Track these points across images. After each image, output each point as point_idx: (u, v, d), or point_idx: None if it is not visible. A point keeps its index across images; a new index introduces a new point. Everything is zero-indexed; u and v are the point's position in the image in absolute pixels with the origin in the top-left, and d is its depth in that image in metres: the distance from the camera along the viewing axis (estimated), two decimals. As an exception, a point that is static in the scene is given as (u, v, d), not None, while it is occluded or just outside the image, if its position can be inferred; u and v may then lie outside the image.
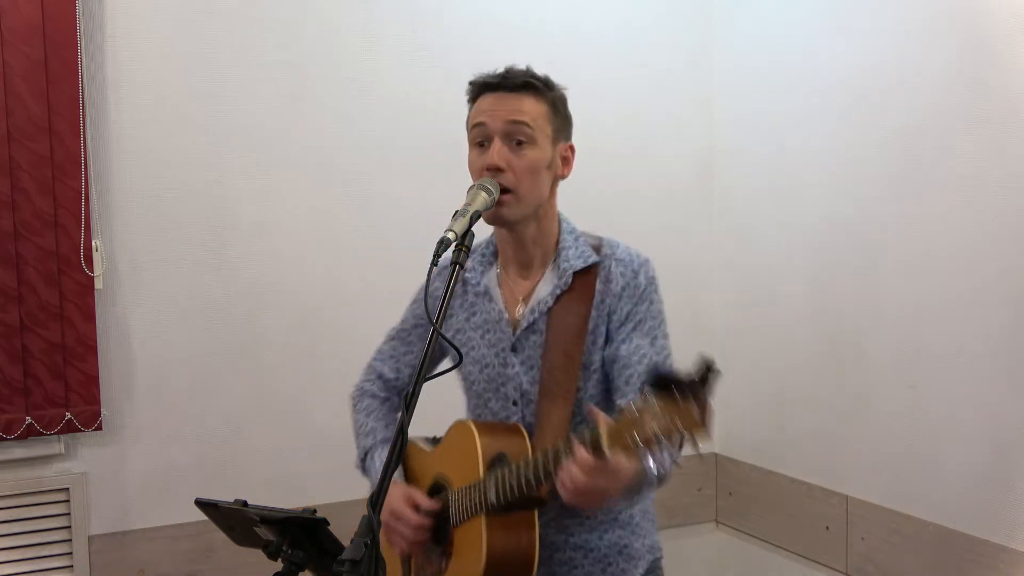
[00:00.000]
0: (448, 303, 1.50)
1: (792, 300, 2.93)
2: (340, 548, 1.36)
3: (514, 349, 1.75)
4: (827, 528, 2.79)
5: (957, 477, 2.39)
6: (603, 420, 1.39)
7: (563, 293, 1.73)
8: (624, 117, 3.11)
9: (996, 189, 2.27)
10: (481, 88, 1.72)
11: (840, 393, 2.75)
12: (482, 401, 1.80)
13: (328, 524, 1.39)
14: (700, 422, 1.27)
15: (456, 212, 1.56)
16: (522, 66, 1.74)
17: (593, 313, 1.72)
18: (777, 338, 2.99)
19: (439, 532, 1.74)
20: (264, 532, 1.45)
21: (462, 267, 1.52)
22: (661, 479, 1.58)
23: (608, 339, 1.72)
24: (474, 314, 1.81)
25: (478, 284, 1.80)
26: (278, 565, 1.43)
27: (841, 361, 2.74)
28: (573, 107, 1.80)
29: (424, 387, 1.96)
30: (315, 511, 1.38)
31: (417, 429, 1.94)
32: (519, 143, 1.68)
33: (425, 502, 1.72)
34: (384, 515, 1.73)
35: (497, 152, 1.66)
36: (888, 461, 2.59)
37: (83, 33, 2.45)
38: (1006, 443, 2.26)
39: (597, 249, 1.77)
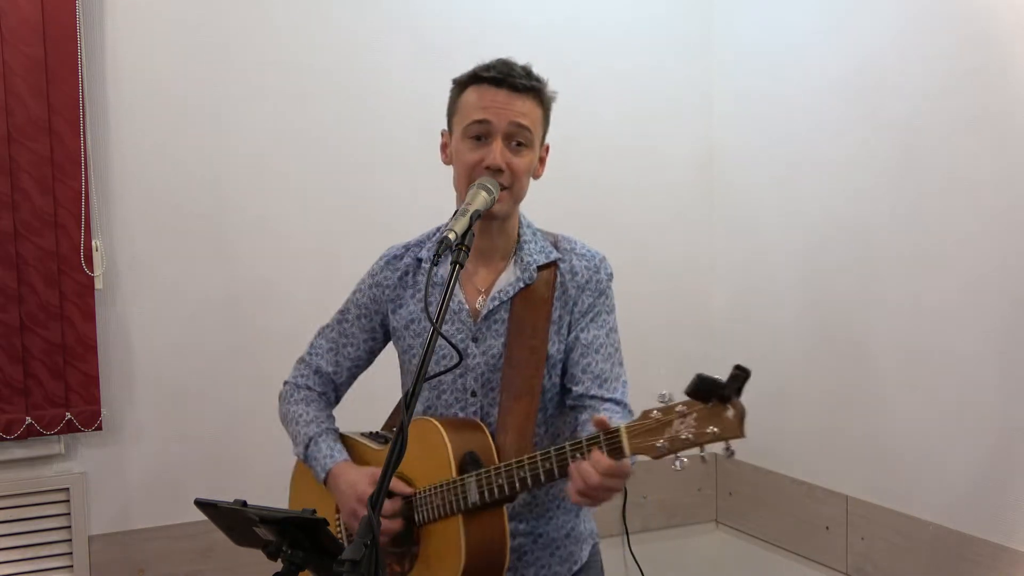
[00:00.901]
0: (448, 303, 1.50)
1: (792, 298, 2.93)
2: (340, 548, 1.36)
3: (475, 339, 1.76)
4: (827, 528, 2.79)
5: (957, 477, 2.39)
6: (622, 424, 1.43)
7: (526, 286, 1.75)
8: (624, 112, 3.11)
9: (996, 187, 2.27)
10: (482, 79, 1.71)
11: (840, 393, 2.74)
12: (436, 392, 1.79)
13: (328, 524, 1.39)
14: (737, 427, 1.35)
15: (456, 212, 1.56)
16: (518, 61, 1.74)
17: (556, 305, 1.75)
18: (777, 337, 2.99)
19: (401, 533, 1.72)
20: (264, 532, 1.45)
21: (462, 266, 1.52)
22: None
23: (568, 330, 1.76)
24: (431, 304, 1.79)
25: (436, 275, 1.78)
26: (278, 565, 1.43)
27: (841, 360, 2.74)
28: (574, 102, 1.81)
29: (353, 382, 1.97)
30: (315, 511, 1.38)
31: (349, 423, 1.97)
32: (518, 145, 1.70)
33: (401, 489, 1.71)
34: (353, 503, 1.73)
35: (500, 152, 1.68)
36: (888, 461, 2.59)
37: (83, 32, 2.45)
38: (1006, 443, 2.26)
39: (555, 246, 1.81)
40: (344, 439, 1.90)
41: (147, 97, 2.57)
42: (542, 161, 1.79)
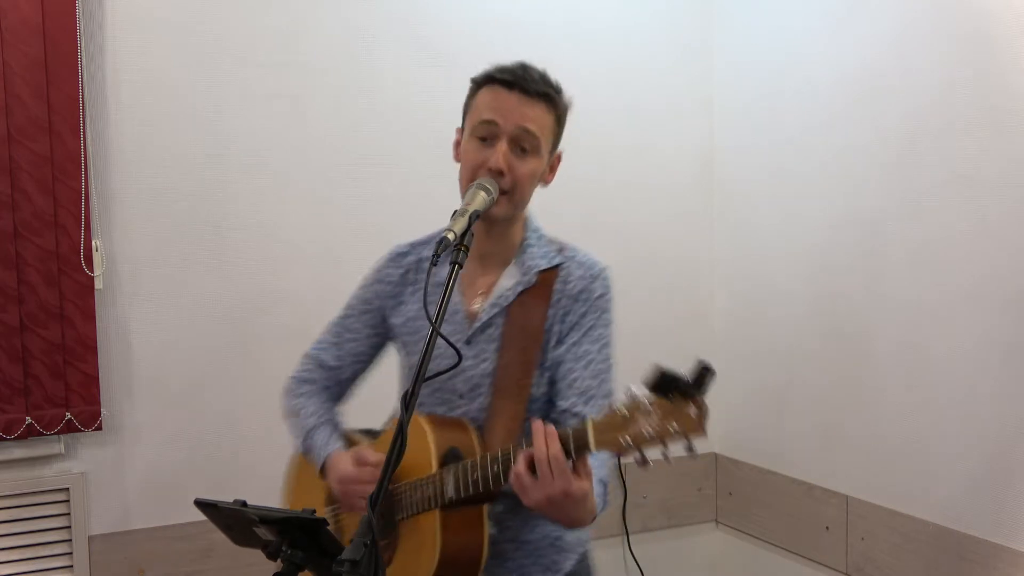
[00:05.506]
0: (447, 303, 1.50)
1: (792, 298, 2.93)
2: (340, 548, 1.36)
3: (468, 342, 1.75)
4: (827, 528, 2.79)
5: (957, 477, 2.39)
6: (588, 418, 1.39)
7: (525, 290, 1.73)
8: (624, 113, 3.11)
9: (995, 188, 2.27)
10: (495, 80, 1.69)
11: (840, 392, 2.75)
12: (426, 391, 1.77)
13: (328, 524, 1.39)
14: (698, 425, 1.27)
15: (455, 212, 1.56)
16: (538, 66, 1.71)
17: (550, 312, 1.72)
18: (777, 337, 2.99)
19: (381, 526, 1.72)
20: (264, 532, 1.45)
21: (461, 266, 1.52)
22: (597, 512, 1.55)
23: (558, 341, 1.72)
24: (430, 304, 1.79)
25: (436, 275, 1.76)
26: (278, 565, 1.43)
27: (841, 360, 2.74)
28: (574, 103, 1.79)
29: (358, 378, 1.96)
30: (315, 511, 1.38)
31: (355, 421, 1.96)
32: (523, 150, 1.68)
33: (372, 455, 1.69)
34: (335, 485, 1.73)
35: (503, 155, 1.66)
36: (888, 461, 2.59)
37: (83, 33, 2.45)
38: (1006, 443, 2.26)
39: (560, 251, 1.79)
40: (346, 436, 1.90)
41: (147, 97, 2.57)
42: (552, 169, 1.76)
